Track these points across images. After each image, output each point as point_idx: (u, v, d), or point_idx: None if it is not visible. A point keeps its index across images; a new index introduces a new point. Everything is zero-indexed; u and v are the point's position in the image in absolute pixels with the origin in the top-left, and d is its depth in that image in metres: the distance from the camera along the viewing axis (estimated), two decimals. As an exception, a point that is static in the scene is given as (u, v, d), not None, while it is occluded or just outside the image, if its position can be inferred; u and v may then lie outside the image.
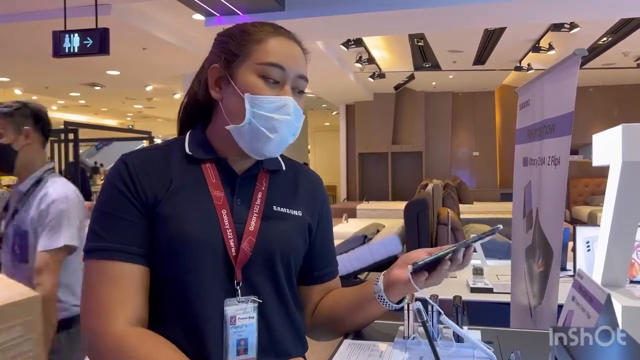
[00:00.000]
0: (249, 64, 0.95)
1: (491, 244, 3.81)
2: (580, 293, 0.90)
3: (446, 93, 12.13)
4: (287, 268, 0.99)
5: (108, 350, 0.84)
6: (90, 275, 0.89)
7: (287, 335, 0.98)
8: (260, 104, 0.94)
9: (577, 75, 1.65)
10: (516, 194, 2.32)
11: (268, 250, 0.95)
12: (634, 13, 5.50)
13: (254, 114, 0.94)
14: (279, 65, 0.95)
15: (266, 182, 1.02)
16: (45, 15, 5.06)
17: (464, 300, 1.05)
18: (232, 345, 0.90)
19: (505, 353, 0.96)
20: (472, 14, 5.14)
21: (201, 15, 5.17)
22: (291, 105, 0.95)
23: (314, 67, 7.89)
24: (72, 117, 13.54)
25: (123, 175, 0.92)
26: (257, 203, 0.98)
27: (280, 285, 0.98)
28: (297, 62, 0.98)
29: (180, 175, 0.96)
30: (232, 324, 0.91)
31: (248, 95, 0.94)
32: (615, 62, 8.70)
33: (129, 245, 0.89)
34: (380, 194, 12.02)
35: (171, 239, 0.90)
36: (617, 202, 1.06)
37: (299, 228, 1.02)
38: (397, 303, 1.01)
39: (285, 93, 0.95)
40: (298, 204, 1.04)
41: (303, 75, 0.99)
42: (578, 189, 10.67)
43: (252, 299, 0.93)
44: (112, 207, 0.91)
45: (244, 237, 0.94)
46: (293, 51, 0.99)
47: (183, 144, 1.00)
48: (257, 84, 0.95)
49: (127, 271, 0.88)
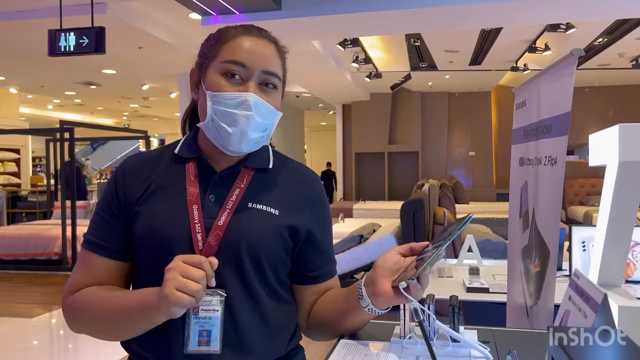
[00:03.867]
0: (215, 63, 1.00)
1: (487, 244, 3.81)
2: (576, 293, 0.90)
3: (442, 93, 12.15)
4: (257, 264, 0.98)
5: (65, 311, 1.02)
6: (78, 259, 1.05)
7: (254, 332, 0.98)
8: (220, 100, 0.97)
9: (573, 76, 1.65)
10: (512, 194, 2.32)
11: (234, 244, 0.97)
12: (630, 14, 5.52)
13: (215, 110, 0.97)
14: (239, 62, 0.97)
15: (247, 180, 1.03)
16: (41, 14, 5.05)
17: (459, 300, 1.05)
18: (193, 335, 0.93)
19: (501, 353, 0.96)
20: (469, 14, 5.14)
21: (198, 14, 5.16)
22: (251, 100, 0.96)
23: (310, 67, 7.99)
24: (67, 116, 13.50)
25: (114, 178, 1.05)
26: (231, 199, 1.00)
27: (249, 280, 0.98)
28: (264, 58, 0.99)
29: (164, 174, 1.03)
30: (194, 314, 0.93)
31: (209, 93, 0.98)
32: (610, 62, 8.73)
33: (105, 242, 1.01)
34: (377, 194, 12.03)
35: (142, 234, 0.98)
36: (614, 201, 1.06)
37: (273, 226, 1.00)
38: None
39: (247, 89, 0.97)
40: (278, 203, 1.03)
41: (270, 70, 1.00)
42: (574, 189, 10.72)
43: (218, 292, 0.94)
44: (100, 207, 1.04)
45: (212, 231, 0.96)
46: (258, 48, 1.00)
47: (177, 146, 1.08)
48: (219, 81, 0.98)
49: (100, 263, 1.01)
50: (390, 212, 8.34)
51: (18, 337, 4.30)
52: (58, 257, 6.65)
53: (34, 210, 9.90)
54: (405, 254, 0.97)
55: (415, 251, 0.96)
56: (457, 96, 12.23)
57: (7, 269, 6.70)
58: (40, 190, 10.38)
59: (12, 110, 10.86)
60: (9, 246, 6.79)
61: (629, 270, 2.38)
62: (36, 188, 10.85)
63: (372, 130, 12.24)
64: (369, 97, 12.16)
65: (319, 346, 1.16)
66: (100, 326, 0.99)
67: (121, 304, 0.96)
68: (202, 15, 5.12)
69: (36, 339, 4.34)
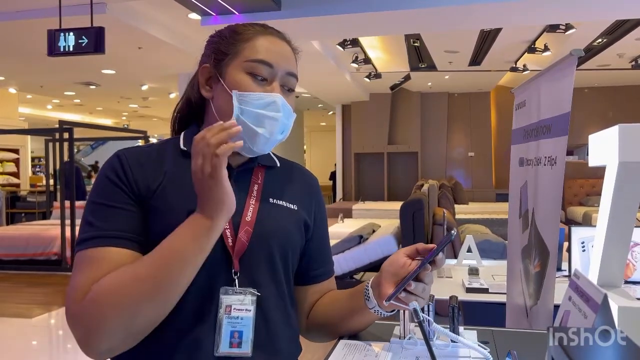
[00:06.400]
0: (237, 62, 0.96)
1: (487, 244, 3.81)
2: (576, 293, 0.90)
3: (442, 93, 12.15)
4: (284, 261, 0.98)
5: (83, 315, 0.82)
6: (83, 261, 0.87)
7: (284, 333, 0.97)
8: (248, 100, 0.93)
9: (573, 76, 1.65)
10: (512, 195, 2.32)
11: (265, 240, 0.95)
12: (629, 14, 5.53)
13: (242, 110, 0.93)
14: (266, 62, 0.95)
15: (262, 177, 1.02)
16: (40, 14, 5.04)
17: (459, 300, 1.05)
18: (224, 336, 0.89)
19: (501, 353, 0.96)
20: (468, 15, 5.14)
21: (197, 14, 5.16)
22: (279, 102, 0.94)
23: (310, 67, 7.99)
24: (67, 116, 13.49)
25: (116, 167, 0.93)
26: (253, 195, 0.98)
27: (279, 278, 0.97)
28: (286, 59, 0.98)
29: (174, 169, 0.96)
30: (227, 314, 0.89)
31: (236, 92, 0.94)
32: (610, 63, 8.73)
33: (124, 232, 0.88)
34: (376, 194, 12.03)
35: (166, 231, 0.87)
36: (613, 202, 1.06)
37: (296, 221, 1.02)
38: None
39: (273, 90, 0.95)
40: (294, 199, 1.04)
41: (292, 72, 0.99)
42: (573, 190, 10.72)
43: (250, 291, 0.92)
44: (106, 198, 0.91)
45: (241, 227, 0.94)
46: (282, 49, 0.99)
47: (177, 141, 1.02)
48: (245, 80, 0.95)
49: (122, 257, 0.86)
50: (389, 212, 8.33)
51: (17, 338, 4.29)
52: (57, 258, 6.64)
53: (33, 210, 9.90)
54: (412, 255, 0.96)
55: (421, 253, 0.95)
56: (457, 96, 12.23)
57: (6, 269, 6.69)
58: (39, 190, 10.38)
59: (11, 110, 10.85)
60: (8, 246, 6.78)
61: (629, 270, 2.38)
62: (35, 188, 10.86)
63: (372, 130, 12.24)
64: (369, 98, 12.16)
65: (319, 346, 1.15)
66: (145, 289, 0.82)
67: (164, 247, 0.84)
68: (201, 16, 5.12)
69: (35, 339, 4.33)
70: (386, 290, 0.94)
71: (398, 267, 0.95)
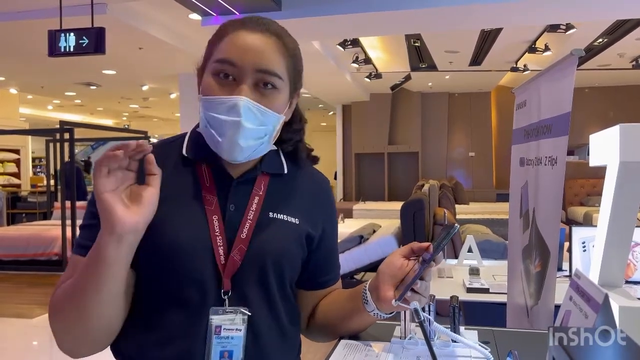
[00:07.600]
0: (209, 63, 0.90)
1: (487, 244, 3.81)
2: (577, 293, 0.90)
3: (442, 94, 12.14)
4: (280, 279, 0.94)
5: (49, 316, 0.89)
6: (70, 265, 0.90)
7: (277, 352, 0.93)
8: (210, 105, 0.87)
9: (574, 76, 1.65)
10: (513, 194, 2.32)
11: (260, 259, 0.90)
12: (629, 14, 5.52)
13: (207, 116, 0.88)
14: (227, 61, 0.87)
15: (265, 187, 0.96)
16: (41, 14, 5.04)
17: (459, 300, 1.05)
18: (214, 356, 0.86)
19: (502, 353, 0.96)
20: (468, 15, 5.14)
21: (198, 14, 5.16)
22: (241, 104, 0.85)
23: (310, 67, 7.93)
24: (67, 117, 13.48)
25: None
26: (252, 209, 0.93)
27: (273, 296, 0.93)
28: (256, 54, 0.87)
29: (174, 178, 0.92)
30: (216, 334, 0.86)
31: (200, 97, 0.90)
32: (610, 63, 8.72)
33: None
34: (377, 194, 12.02)
35: (158, 244, 0.87)
36: (614, 202, 1.06)
37: (296, 236, 0.96)
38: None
39: (239, 92, 0.86)
40: (297, 211, 0.97)
41: (265, 69, 0.88)
42: (573, 190, 10.72)
43: (240, 310, 0.88)
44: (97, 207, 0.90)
45: (235, 245, 0.89)
46: (254, 43, 0.88)
47: (182, 143, 0.97)
48: (210, 83, 0.88)
49: None
50: (390, 212, 8.33)
51: (18, 338, 4.30)
52: (58, 258, 6.65)
53: (33, 210, 9.90)
54: (408, 255, 0.94)
55: (416, 252, 0.94)
56: (457, 97, 12.22)
57: (7, 270, 6.69)
58: (40, 190, 10.38)
59: (12, 110, 10.85)
60: (9, 247, 6.78)
61: (629, 270, 2.38)
62: (36, 189, 10.86)
63: (372, 130, 12.23)
64: (369, 98, 12.15)
65: (319, 346, 1.15)
66: (69, 297, 0.86)
67: (88, 255, 0.84)
68: (202, 16, 5.12)
69: (36, 340, 4.33)
70: (385, 293, 0.92)
71: (395, 269, 0.93)
